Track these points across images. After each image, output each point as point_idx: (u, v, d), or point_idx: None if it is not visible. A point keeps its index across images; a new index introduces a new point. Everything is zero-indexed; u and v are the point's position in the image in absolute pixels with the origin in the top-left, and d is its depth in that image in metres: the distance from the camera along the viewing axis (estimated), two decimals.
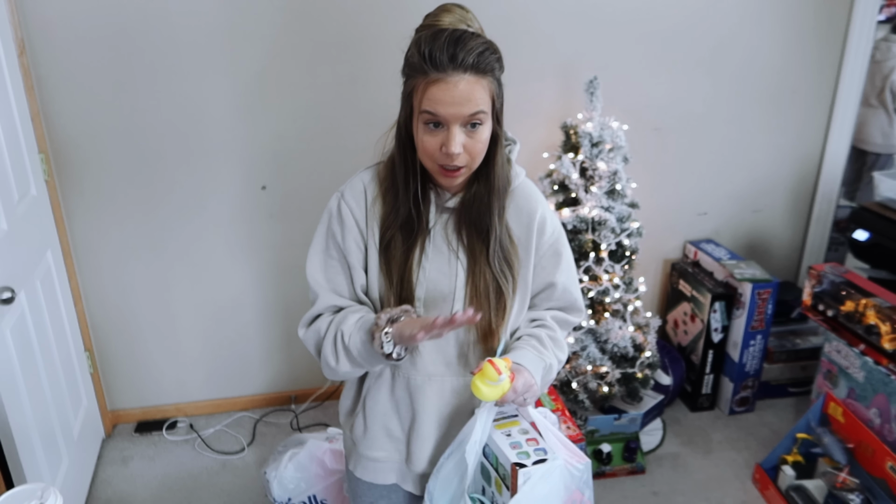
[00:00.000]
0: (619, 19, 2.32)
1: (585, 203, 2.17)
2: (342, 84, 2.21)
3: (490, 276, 1.15)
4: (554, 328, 1.26)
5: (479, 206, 1.13)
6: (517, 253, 1.18)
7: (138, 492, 2.18)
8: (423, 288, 1.15)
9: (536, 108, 2.34)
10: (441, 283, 1.16)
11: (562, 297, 1.25)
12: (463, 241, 1.16)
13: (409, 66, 1.05)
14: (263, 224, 2.33)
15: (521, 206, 1.19)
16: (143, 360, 2.44)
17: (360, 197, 1.17)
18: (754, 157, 2.64)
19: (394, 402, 1.22)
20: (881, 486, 1.90)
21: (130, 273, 2.30)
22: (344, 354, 1.11)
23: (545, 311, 1.26)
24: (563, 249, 1.24)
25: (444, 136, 1.03)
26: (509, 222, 1.17)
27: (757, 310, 2.39)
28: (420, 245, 1.15)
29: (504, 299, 1.16)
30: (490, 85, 1.04)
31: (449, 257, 1.16)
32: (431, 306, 1.16)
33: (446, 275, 1.16)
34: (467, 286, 1.16)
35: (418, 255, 1.15)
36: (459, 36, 1.01)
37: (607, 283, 2.18)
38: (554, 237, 1.22)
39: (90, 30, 2.00)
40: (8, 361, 1.63)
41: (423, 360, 1.18)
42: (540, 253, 1.21)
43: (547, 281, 1.23)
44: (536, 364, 1.15)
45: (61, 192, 2.16)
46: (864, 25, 2.47)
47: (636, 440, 2.26)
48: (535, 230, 1.19)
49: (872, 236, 2.37)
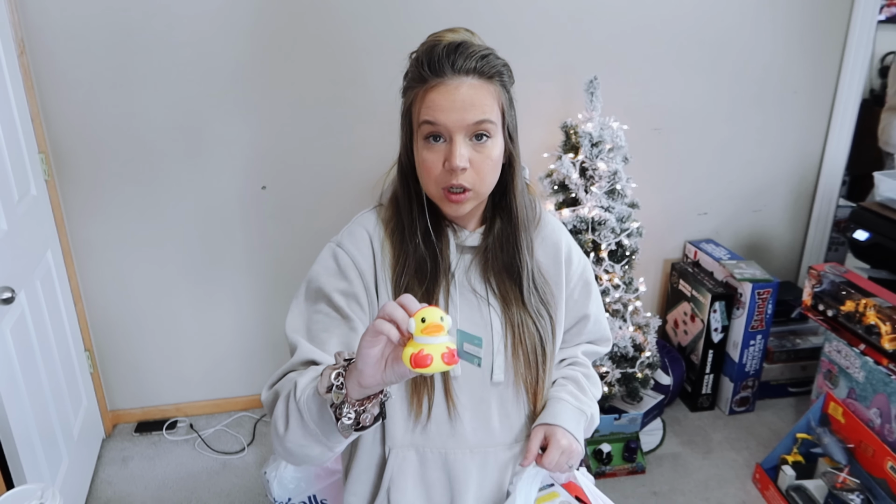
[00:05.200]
0: (619, 19, 2.32)
1: (585, 203, 2.17)
2: (343, 84, 2.21)
3: (529, 322, 1.00)
4: (587, 364, 1.14)
5: (505, 243, 0.99)
6: (552, 291, 1.05)
7: (138, 492, 2.18)
8: (456, 344, 0.99)
9: (536, 108, 2.34)
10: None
11: (594, 330, 1.14)
12: (492, 284, 1.00)
13: (407, 80, 0.94)
14: (263, 224, 2.33)
15: (547, 237, 1.07)
16: (143, 360, 2.44)
17: (365, 244, 0.99)
18: (754, 156, 2.64)
19: (424, 488, 1.00)
20: (881, 486, 1.90)
21: (130, 273, 2.30)
22: (296, 416, 0.81)
23: (575, 347, 1.14)
24: (591, 277, 1.13)
25: (446, 151, 0.89)
26: (538, 257, 1.04)
27: (757, 310, 2.39)
28: (444, 292, 0.98)
29: (546, 345, 1.02)
30: (497, 92, 0.91)
31: (479, 305, 0.99)
32: (467, 366, 0.98)
33: (480, 326, 0.99)
34: (506, 337, 0.99)
35: (444, 306, 0.97)
36: (460, 43, 0.90)
37: (607, 283, 2.18)
38: (582, 265, 1.11)
39: (90, 30, 2.00)
40: (8, 361, 1.63)
41: (463, 428, 0.99)
42: (571, 285, 1.08)
43: (580, 314, 1.12)
44: (577, 420, 1.01)
45: (61, 192, 2.16)
46: (864, 25, 2.47)
47: (636, 440, 2.26)
48: (562, 261, 1.06)
49: (872, 236, 2.37)
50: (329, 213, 2.32)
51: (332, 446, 0.82)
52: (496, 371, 0.99)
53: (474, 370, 0.98)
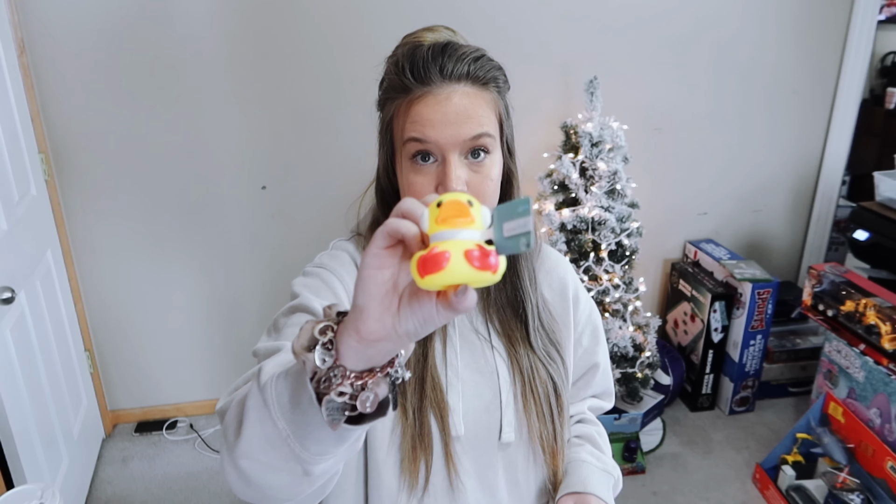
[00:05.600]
0: (619, 19, 2.32)
1: (585, 203, 2.17)
2: (343, 84, 2.21)
3: (539, 366, 0.85)
4: (596, 422, 0.99)
5: (508, 275, 0.84)
6: (560, 329, 0.91)
7: (138, 492, 2.18)
8: (459, 395, 0.81)
9: (536, 108, 2.34)
10: (481, 387, 0.83)
11: (601, 382, 0.99)
12: (493, 323, 0.86)
13: (385, 90, 0.80)
14: (263, 224, 2.33)
15: (551, 270, 0.93)
16: (143, 360, 2.44)
17: (350, 265, 0.85)
18: (754, 156, 2.64)
19: None
20: (881, 486, 1.90)
21: (130, 273, 2.30)
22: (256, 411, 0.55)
23: (581, 402, 0.99)
24: (599, 321, 0.98)
25: (438, 173, 0.74)
26: (543, 292, 0.90)
27: (757, 310, 2.39)
28: (441, 334, 0.83)
29: (561, 393, 0.87)
30: (494, 100, 0.78)
31: (482, 349, 0.85)
32: (472, 422, 0.82)
33: (484, 374, 0.84)
34: (514, 384, 0.84)
35: (441, 350, 0.82)
36: (446, 45, 0.76)
37: (607, 283, 2.18)
38: (589, 306, 0.96)
39: (90, 30, 2.00)
40: (8, 361, 1.63)
41: (465, 500, 0.83)
42: (579, 328, 0.94)
43: (590, 363, 0.97)
44: (607, 484, 0.89)
45: (61, 192, 2.16)
46: (864, 25, 2.47)
47: (636, 440, 2.26)
48: (570, 298, 0.93)
49: (872, 236, 2.37)
50: (329, 213, 2.32)
51: (308, 461, 0.55)
52: (506, 429, 0.83)
53: (481, 428, 0.81)
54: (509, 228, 0.44)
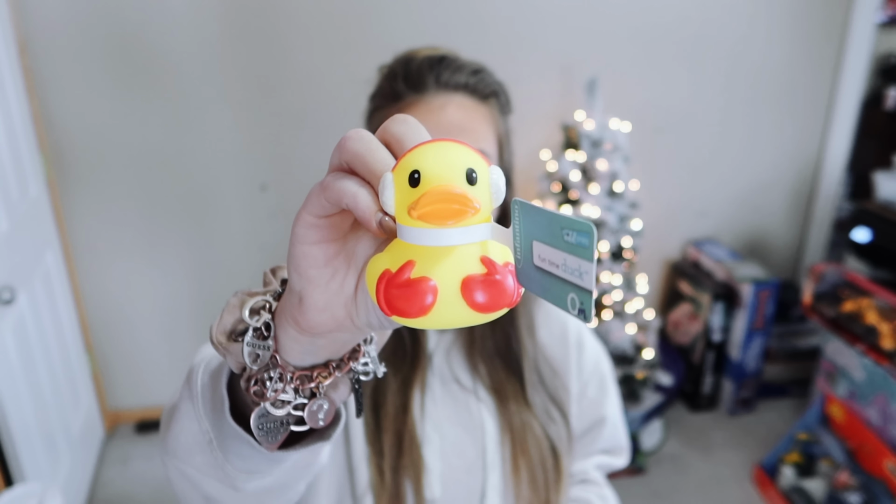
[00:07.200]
0: (619, 19, 2.32)
1: (585, 203, 2.17)
2: (343, 83, 2.21)
3: (535, 424, 0.75)
4: (600, 483, 0.85)
5: (497, 320, 0.74)
6: (563, 383, 0.81)
7: (138, 492, 2.18)
8: (437, 452, 0.71)
9: (536, 108, 2.34)
10: (463, 443, 0.73)
11: (611, 437, 0.86)
12: (480, 373, 0.76)
13: (373, 98, 0.75)
14: (263, 224, 2.33)
15: (550, 310, 0.83)
16: (143, 360, 2.44)
17: None
18: (754, 157, 2.64)
19: None
20: (881, 486, 1.90)
21: (130, 273, 2.30)
22: (186, 404, 0.46)
23: (586, 460, 0.86)
24: (608, 369, 0.87)
25: None
26: (541, 337, 0.80)
27: (757, 310, 2.39)
28: (419, 383, 0.73)
29: (560, 457, 0.76)
30: (493, 117, 0.70)
31: (466, 401, 0.75)
32: (451, 482, 0.71)
33: (468, 428, 0.74)
34: (503, 444, 0.73)
35: (419, 400, 0.72)
36: (443, 56, 0.70)
37: (607, 283, 2.18)
38: (596, 353, 0.86)
39: (90, 30, 2.00)
40: (8, 361, 1.63)
41: None
42: (584, 378, 0.83)
43: (595, 416, 0.84)
44: None
45: (61, 192, 2.16)
46: (864, 25, 2.47)
47: (636, 440, 2.26)
48: (572, 344, 0.83)
49: (872, 236, 2.37)
50: None
51: (233, 476, 0.43)
52: (490, 494, 0.71)
53: (460, 490, 0.69)
54: (545, 257, 0.26)
